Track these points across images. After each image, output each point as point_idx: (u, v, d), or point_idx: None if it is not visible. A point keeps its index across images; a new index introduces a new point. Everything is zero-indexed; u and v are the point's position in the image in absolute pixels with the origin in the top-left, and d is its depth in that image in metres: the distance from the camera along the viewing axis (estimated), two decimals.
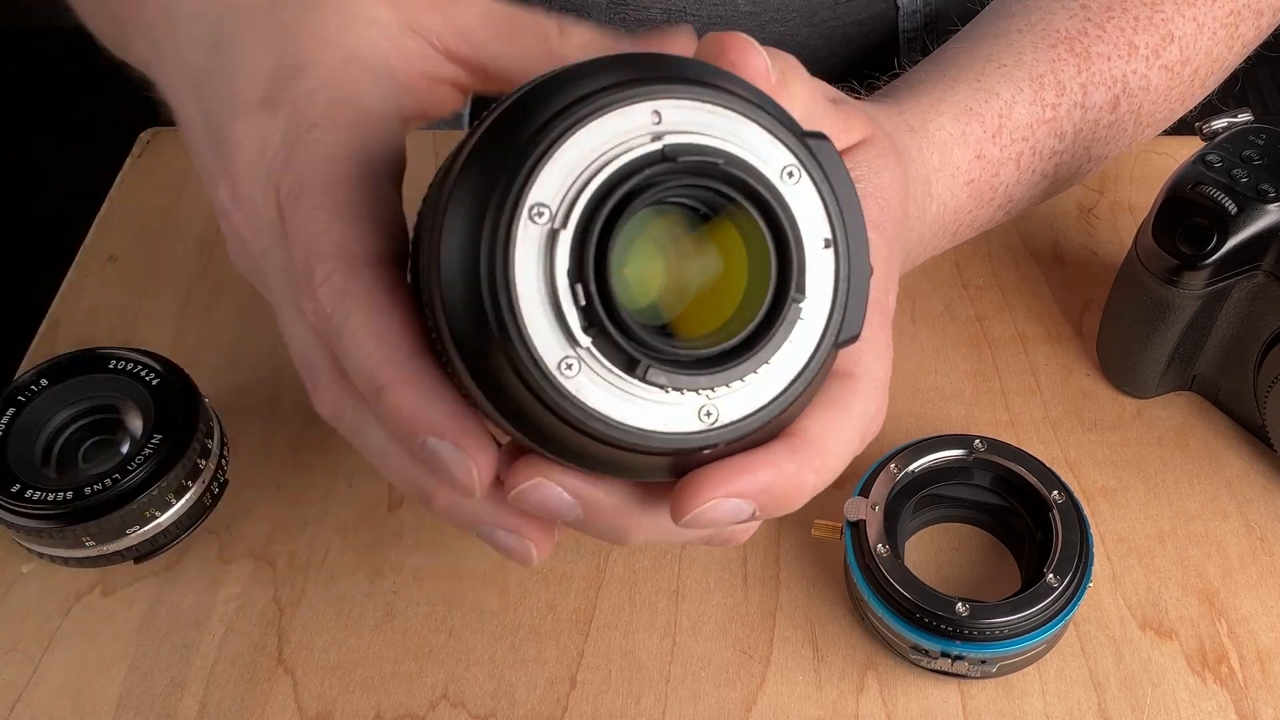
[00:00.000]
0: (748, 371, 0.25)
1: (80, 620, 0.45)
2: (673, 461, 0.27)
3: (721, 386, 0.25)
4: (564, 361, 0.24)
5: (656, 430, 0.25)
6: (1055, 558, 0.40)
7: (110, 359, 0.46)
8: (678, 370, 0.24)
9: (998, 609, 0.39)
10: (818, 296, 0.26)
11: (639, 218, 0.25)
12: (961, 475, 0.44)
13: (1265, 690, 0.41)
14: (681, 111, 0.25)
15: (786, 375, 0.26)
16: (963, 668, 0.40)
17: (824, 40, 0.64)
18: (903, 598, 0.39)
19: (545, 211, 0.24)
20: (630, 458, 0.26)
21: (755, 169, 0.25)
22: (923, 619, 0.39)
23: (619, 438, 0.25)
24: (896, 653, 0.42)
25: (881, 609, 0.40)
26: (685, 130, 0.25)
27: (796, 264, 0.25)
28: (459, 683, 0.43)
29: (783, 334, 0.25)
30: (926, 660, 0.40)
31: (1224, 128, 0.44)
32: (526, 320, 0.24)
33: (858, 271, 0.27)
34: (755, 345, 0.25)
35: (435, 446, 0.29)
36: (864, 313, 0.27)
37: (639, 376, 0.24)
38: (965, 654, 0.39)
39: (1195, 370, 0.48)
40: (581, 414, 0.25)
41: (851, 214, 0.27)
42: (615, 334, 0.24)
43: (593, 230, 0.24)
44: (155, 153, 0.63)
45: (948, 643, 0.39)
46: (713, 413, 0.25)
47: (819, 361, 0.26)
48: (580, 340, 0.24)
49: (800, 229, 0.25)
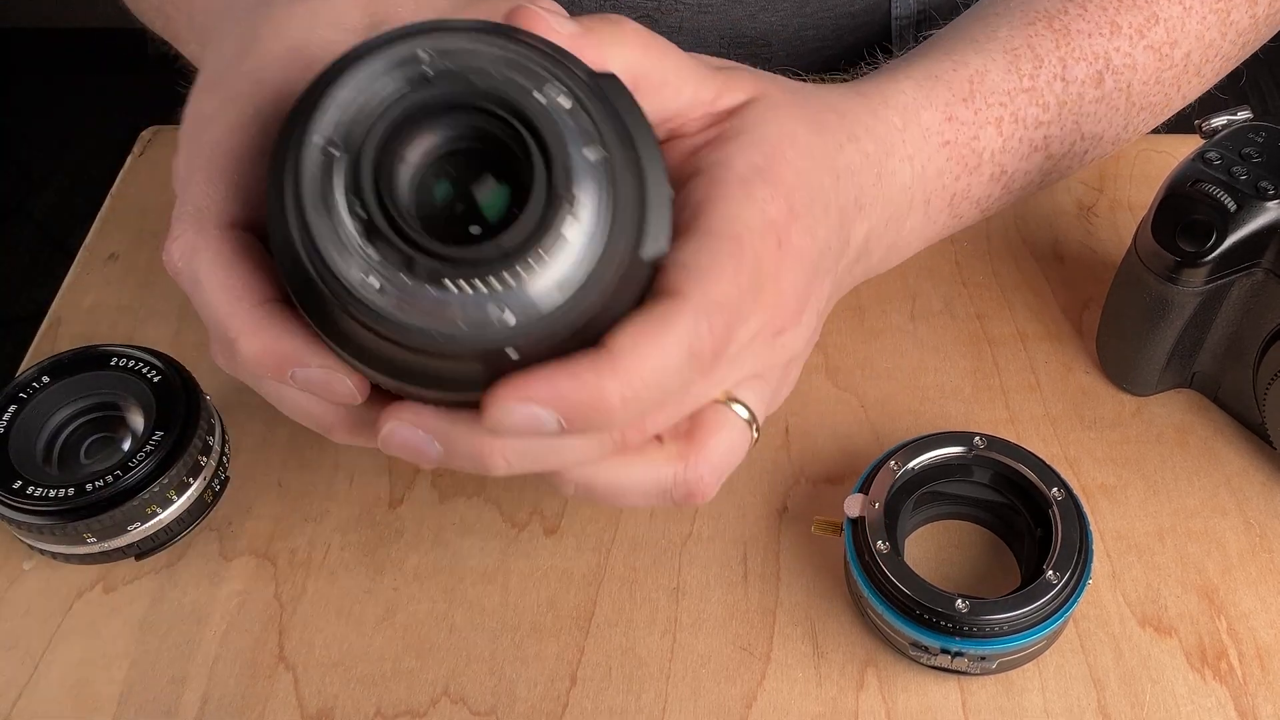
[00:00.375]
0: (522, 265, 0.27)
1: (82, 617, 0.45)
2: (484, 369, 0.29)
3: (503, 285, 0.27)
4: (364, 280, 0.27)
5: (456, 333, 0.27)
6: (1055, 555, 0.40)
7: (111, 356, 0.47)
8: (455, 268, 0.27)
9: (997, 606, 0.39)
10: (596, 206, 0.28)
11: (421, 145, 0.28)
12: (961, 472, 0.44)
13: (1264, 687, 0.41)
14: (447, 48, 0.28)
15: (574, 280, 0.28)
16: (962, 664, 0.40)
17: (815, 30, 0.64)
18: (902, 594, 0.39)
19: (326, 146, 0.28)
20: (450, 366, 0.28)
21: (516, 84, 0.28)
22: (922, 615, 0.39)
23: (427, 344, 0.27)
24: (896, 649, 0.42)
25: (881, 605, 0.40)
26: (449, 63, 0.28)
27: (561, 169, 0.27)
28: (459, 680, 0.43)
29: (554, 234, 0.27)
30: (926, 657, 0.40)
31: (1223, 125, 0.44)
32: (324, 245, 0.27)
33: (654, 192, 0.29)
34: (528, 244, 0.27)
35: (304, 374, 0.32)
36: (668, 232, 0.30)
37: (422, 278, 0.27)
38: (965, 650, 0.39)
39: (1195, 368, 0.48)
40: (392, 326, 0.27)
41: (645, 142, 0.30)
42: (394, 240, 0.27)
43: (366, 151, 0.27)
44: (155, 151, 0.63)
45: (947, 639, 0.39)
46: (505, 314, 0.27)
47: (612, 271, 0.28)
48: (369, 254, 0.27)
49: (566, 141, 0.28)
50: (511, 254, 0.27)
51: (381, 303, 0.27)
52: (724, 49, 0.63)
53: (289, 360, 0.32)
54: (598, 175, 0.28)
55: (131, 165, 0.62)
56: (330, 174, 0.28)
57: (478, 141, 0.29)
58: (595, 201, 0.28)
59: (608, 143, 0.29)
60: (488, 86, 0.28)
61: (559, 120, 0.28)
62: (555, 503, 0.47)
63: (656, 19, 0.62)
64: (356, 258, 0.27)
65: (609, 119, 0.29)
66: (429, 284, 0.27)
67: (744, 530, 0.46)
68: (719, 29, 0.63)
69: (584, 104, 0.29)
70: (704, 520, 0.47)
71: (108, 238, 0.59)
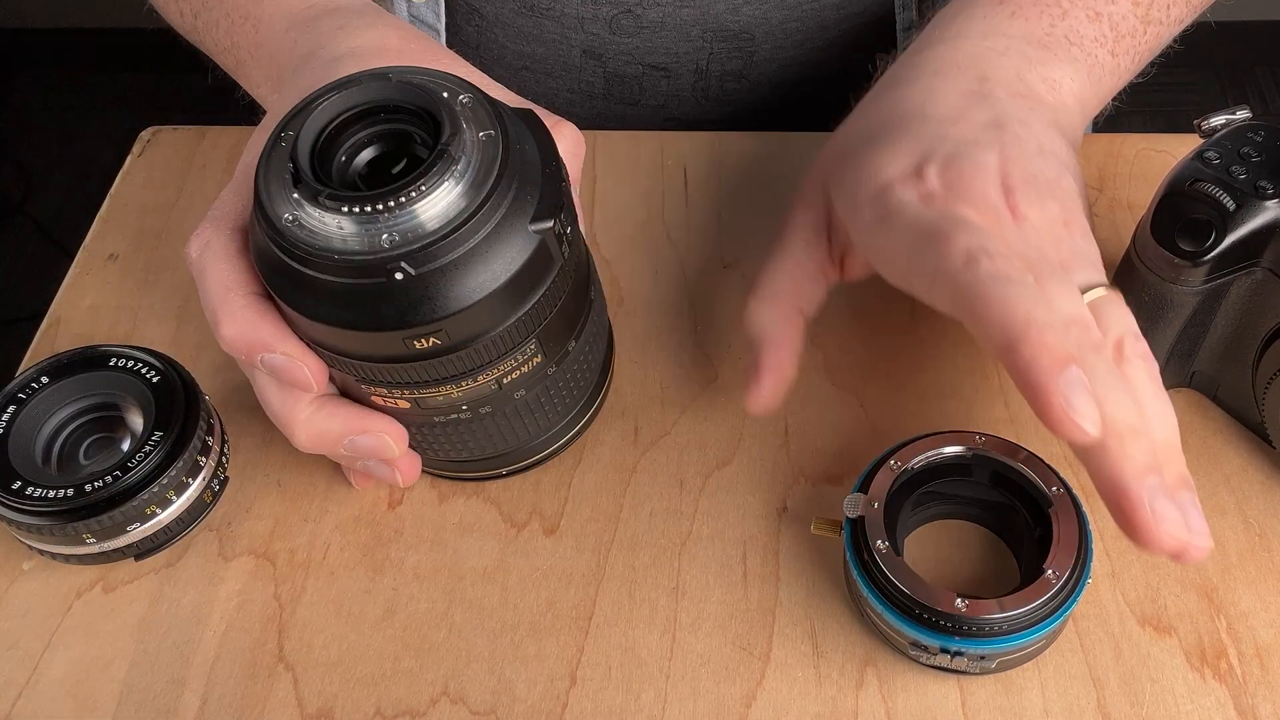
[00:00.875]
0: (405, 197, 0.35)
1: (81, 617, 0.45)
2: (393, 311, 0.36)
3: (388, 211, 0.35)
4: (289, 216, 0.36)
5: (353, 251, 0.35)
6: (1054, 554, 0.40)
7: (111, 357, 0.46)
8: (352, 201, 0.35)
9: (996, 605, 0.39)
10: (477, 169, 0.36)
11: (355, 132, 0.38)
12: (960, 471, 0.44)
13: (1264, 686, 0.41)
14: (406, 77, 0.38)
15: (451, 219, 0.35)
16: (961, 664, 0.40)
17: (799, 24, 0.64)
18: (901, 594, 0.39)
19: (282, 134, 0.37)
20: (367, 314, 0.36)
21: (431, 88, 0.37)
22: (921, 615, 0.39)
23: (331, 266, 0.35)
24: (895, 649, 0.42)
25: (880, 605, 0.40)
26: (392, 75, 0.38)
27: (451, 136, 0.36)
28: (459, 679, 0.43)
29: (434, 179, 0.35)
30: (925, 656, 0.40)
31: (1222, 125, 0.44)
32: (267, 195, 0.37)
33: (548, 174, 0.38)
34: (411, 183, 0.35)
35: (269, 360, 0.39)
36: (558, 215, 0.37)
37: (326, 207, 0.35)
38: (964, 650, 0.39)
39: (1194, 367, 0.48)
40: (307, 250, 0.35)
41: (546, 150, 0.39)
42: (311, 182, 0.36)
43: (304, 133, 0.37)
44: (155, 152, 0.63)
45: (946, 638, 0.39)
46: (391, 235, 0.35)
47: (493, 224, 0.36)
48: (293, 196, 0.36)
49: (460, 121, 0.36)
50: (397, 190, 0.35)
51: (297, 233, 0.36)
52: (706, 42, 0.63)
53: (258, 345, 0.39)
54: (485, 148, 0.37)
55: (131, 165, 0.62)
56: (280, 150, 0.37)
57: (401, 125, 0.38)
58: (477, 164, 0.36)
59: (502, 131, 0.37)
60: (402, 79, 0.38)
61: (459, 110, 0.37)
62: (554, 503, 0.47)
63: (639, 14, 0.62)
64: (285, 201, 0.36)
65: (509, 122, 0.38)
66: (330, 211, 0.35)
67: (744, 530, 0.46)
68: (701, 23, 0.63)
69: (485, 105, 0.38)
70: (703, 520, 0.47)
71: (107, 238, 0.59)
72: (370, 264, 0.35)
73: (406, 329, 0.36)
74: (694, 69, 0.64)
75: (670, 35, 0.63)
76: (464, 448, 0.44)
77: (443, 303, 0.36)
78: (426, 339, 0.37)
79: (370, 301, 0.36)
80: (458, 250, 0.35)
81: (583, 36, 0.62)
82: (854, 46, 0.65)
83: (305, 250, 0.35)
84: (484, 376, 0.40)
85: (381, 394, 0.40)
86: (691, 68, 0.64)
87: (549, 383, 0.43)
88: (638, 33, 0.63)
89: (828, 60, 0.66)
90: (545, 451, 0.47)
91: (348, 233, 0.35)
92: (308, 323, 0.38)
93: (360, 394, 0.41)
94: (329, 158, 0.37)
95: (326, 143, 0.37)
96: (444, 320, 0.36)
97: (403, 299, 0.36)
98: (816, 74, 0.67)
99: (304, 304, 0.37)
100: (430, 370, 0.38)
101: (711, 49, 0.64)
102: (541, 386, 0.42)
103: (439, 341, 0.37)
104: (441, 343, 0.37)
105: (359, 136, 0.38)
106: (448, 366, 0.38)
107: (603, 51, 0.57)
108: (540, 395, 0.43)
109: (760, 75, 0.66)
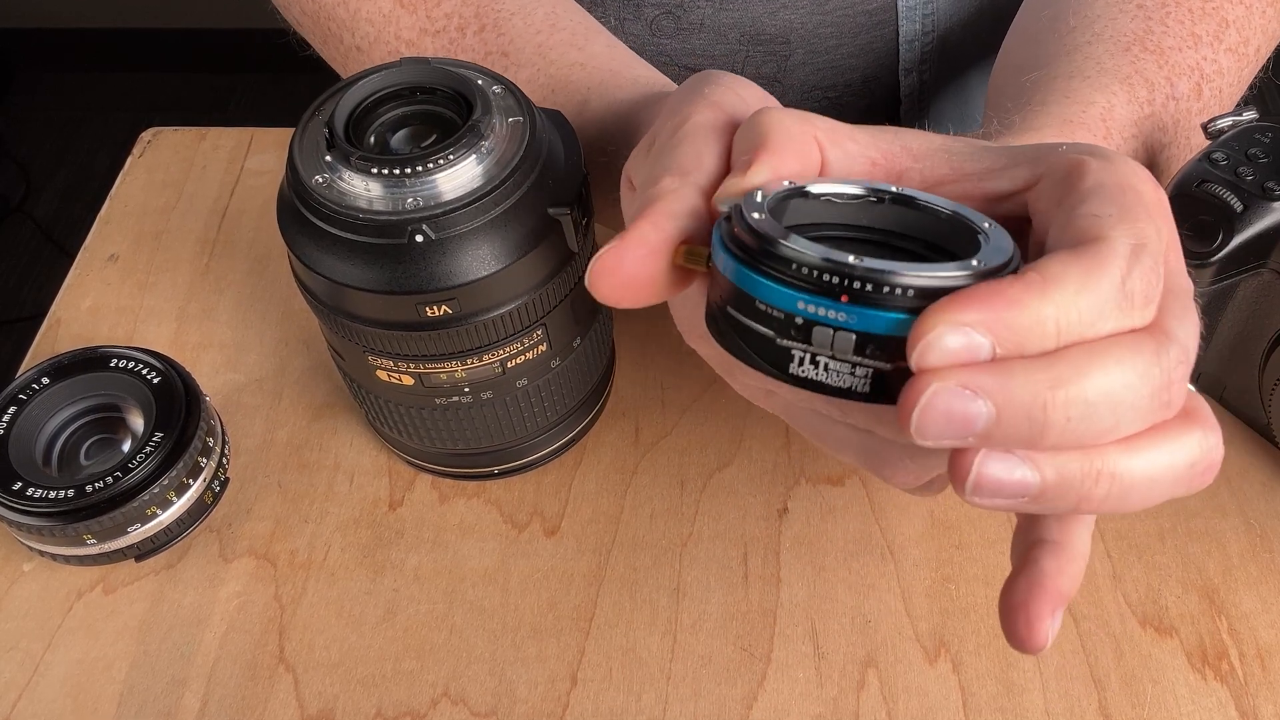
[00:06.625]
0: (432, 164, 0.37)
1: (81, 619, 0.45)
2: (412, 269, 0.38)
3: (414, 176, 0.37)
4: (318, 178, 0.38)
5: (378, 211, 0.37)
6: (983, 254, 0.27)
7: (111, 357, 0.46)
8: (381, 160, 0.37)
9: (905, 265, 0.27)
10: (504, 147, 0.39)
11: (391, 111, 0.41)
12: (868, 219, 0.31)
13: (1265, 687, 0.41)
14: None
15: (473, 190, 0.37)
16: (825, 355, 0.27)
17: (833, 29, 0.64)
18: (782, 250, 0.27)
19: (331, 119, 0.39)
20: (394, 274, 0.38)
21: (465, 75, 0.40)
22: (810, 274, 0.27)
23: (357, 225, 0.37)
24: (769, 361, 0.28)
25: (753, 281, 0.28)
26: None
27: (481, 114, 0.38)
28: (460, 680, 0.43)
29: (459, 151, 0.37)
30: (797, 360, 0.28)
31: (1229, 126, 0.44)
32: (300, 163, 0.39)
33: (569, 167, 0.40)
34: (437, 152, 0.37)
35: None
36: (575, 203, 0.39)
37: (355, 166, 0.37)
38: (847, 326, 0.27)
39: (1200, 368, 0.48)
40: (334, 210, 0.37)
41: (570, 144, 0.41)
42: (341, 143, 0.38)
43: (339, 111, 0.39)
44: (155, 153, 0.63)
45: (833, 304, 0.27)
46: (415, 199, 0.37)
47: (513, 202, 0.38)
48: (326, 160, 0.38)
49: (492, 104, 0.39)
50: (425, 156, 0.37)
51: (326, 193, 0.38)
52: (743, 45, 0.64)
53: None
54: (512, 132, 0.39)
55: (131, 166, 0.62)
56: (316, 121, 0.40)
57: (434, 107, 0.40)
58: (503, 145, 0.39)
59: (530, 119, 0.39)
60: (438, 66, 0.40)
61: (490, 95, 0.40)
62: (555, 504, 0.47)
63: (679, 16, 0.62)
64: (318, 164, 0.38)
65: (538, 115, 0.40)
66: (360, 173, 0.37)
67: (744, 530, 0.46)
68: (740, 25, 0.63)
69: (515, 95, 0.40)
70: (704, 520, 0.47)
71: (107, 239, 0.58)
72: (392, 224, 0.37)
73: (420, 294, 0.37)
74: None
75: (708, 37, 0.63)
76: (461, 437, 0.44)
77: (459, 270, 0.37)
78: (438, 306, 0.38)
79: (389, 263, 0.37)
80: (477, 220, 0.37)
81: (622, 38, 0.62)
82: (884, 52, 0.66)
83: (332, 209, 0.37)
84: (489, 356, 0.40)
85: (388, 367, 0.41)
86: None
87: (551, 376, 0.43)
88: (676, 34, 0.63)
89: (859, 65, 0.66)
90: (543, 452, 0.47)
91: (374, 194, 0.37)
92: (325, 285, 0.39)
93: (365, 368, 0.42)
94: (363, 131, 0.40)
95: (362, 114, 0.40)
96: (457, 289, 0.38)
97: (420, 263, 0.37)
98: (847, 79, 0.67)
99: (324, 263, 0.38)
100: (438, 343, 0.39)
101: (748, 52, 0.64)
102: (544, 379, 0.43)
103: (450, 310, 0.38)
104: (453, 311, 0.38)
105: (394, 114, 0.40)
106: (455, 340, 0.39)
107: (640, 53, 0.57)
108: (541, 388, 0.43)
109: (793, 80, 0.66)
